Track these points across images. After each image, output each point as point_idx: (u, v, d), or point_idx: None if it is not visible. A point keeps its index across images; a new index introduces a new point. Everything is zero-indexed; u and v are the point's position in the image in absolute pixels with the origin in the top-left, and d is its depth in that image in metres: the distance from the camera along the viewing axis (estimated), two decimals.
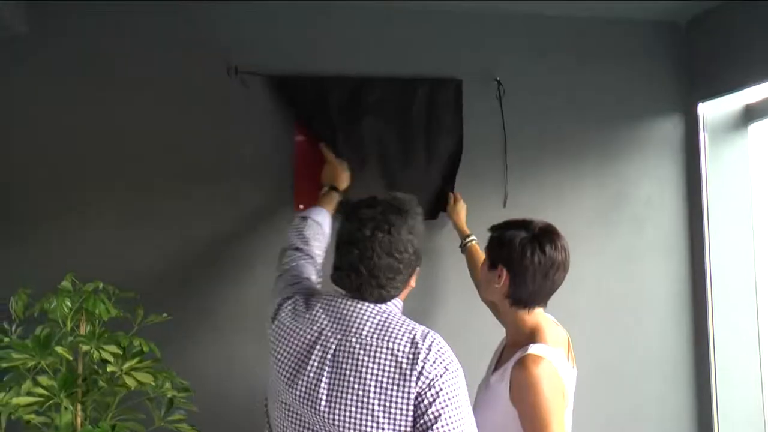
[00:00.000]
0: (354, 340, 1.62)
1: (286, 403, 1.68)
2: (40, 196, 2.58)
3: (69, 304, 1.96)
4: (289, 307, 1.78)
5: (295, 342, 1.68)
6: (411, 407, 1.54)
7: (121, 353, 1.96)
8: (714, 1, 2.90)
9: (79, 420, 1.98)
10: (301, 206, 2.72)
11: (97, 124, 2.63)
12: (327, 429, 1.59)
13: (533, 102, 2.96)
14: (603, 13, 3.01)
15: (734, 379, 2.97)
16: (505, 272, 1.94)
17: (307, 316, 1.72)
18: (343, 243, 1.71)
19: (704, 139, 3.05)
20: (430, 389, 1.54)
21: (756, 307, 3.02)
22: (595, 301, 2.75)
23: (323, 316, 1.69)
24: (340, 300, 1.71)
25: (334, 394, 1.59)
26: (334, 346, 1.63)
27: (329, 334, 1.65)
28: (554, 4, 2.89)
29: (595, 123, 3.03)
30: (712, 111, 3.07)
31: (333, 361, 1.62)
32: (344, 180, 2.60)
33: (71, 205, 2.59)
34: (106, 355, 1.91)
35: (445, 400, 1.54)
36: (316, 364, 1.63)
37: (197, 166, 2.69)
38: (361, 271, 1.66)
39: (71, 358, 1.92)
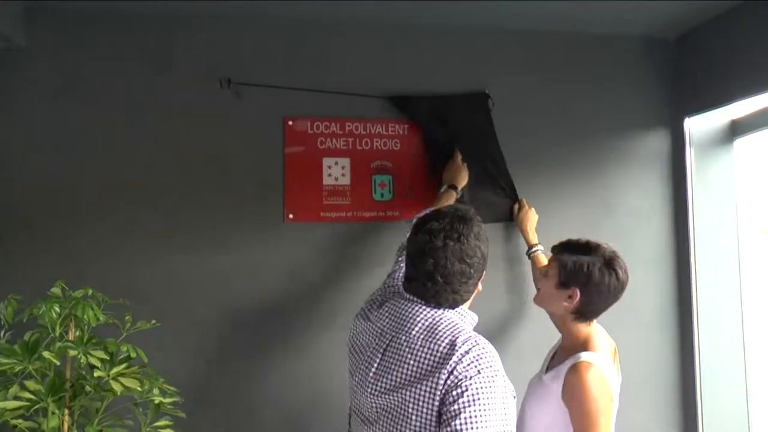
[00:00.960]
0: (403, 338, 1.77)
1: (351, 387, 1.91)
2: (34, 206, 2.60)
3: (58, 309, 1.99)
4: (367, 307, 2.01)
5: (361, 337, 1.92)
6: (437, 402, 1.64)
7: (109, 359, 1.98)
8: (702, 18, 2.95)
9: (66, 425, 1.99)
10: (291, 216, 2.75)
11: (91, 136, 2.65)
12: (373, 412, 1.78)
13: (522, 115, 2.99)
14: (593, 28, 3.06)
15: (719, 389, 3.00)
16: (578, 293, 2.11)
17: (376, 314, 1.92)
18: (417, 255, 1.80)
19: (690, 153, 3.09)
20: (456, 388, 1.62)
21: (741, 318, 3.04)
22: None
23: (386, 317, 1.87)
24: (402, 302, 1.85)
25: (378, 382, 1.76)
26: (387, 342, 1.81)
27: (387, 331, 1.83)
28: (545, 20, 2.94)
29: (584, 136, 3.07)
30: (698, 126, 3.11)
31: (384, 355, 1.79)
32: (464, 179, 2.80)
33: (64, 214, 2.61)
34: (93, 361, 1.93)
35: (469, 400, 1.60)
36: (370, 355, 1.83)
37: (188, 176, 2.71)
38: (437, 279, 1.77)
39: (58, 363, 1.93)
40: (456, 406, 1.60)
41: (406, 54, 2.93)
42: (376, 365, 1.79)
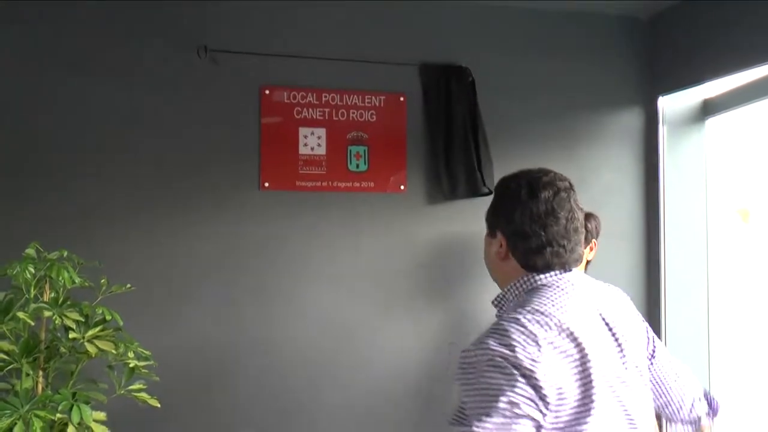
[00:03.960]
0: (603, 309, 1.54)
1: (611, 390, 1.45)
2: (8, 166, 2.58)
3: (32, 270, 1.98)
4: (547, 319, 1.43)
5: (579, 346, 1.43)
6: (645, 337, 1.65)
7: (84, 321, 1.98)
8: None
9: (40, 386, 2.00)
10: (266, 184, 2.77)
11: (65, 102, 2.63)
12: (637, 384, 1.53)
13: (500, 90, 3.02)
14: (571, 6, 3.09)
15: (683, 360, 3.06)
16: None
17: (563, 312, 1.46)
18: (548, 213, 1.53)
19: (663, 131, 3.14)
20: (649, 329, 1.69)
21: (707, 291, 3.13)
22: None
23: (573, 305, 1.49)
24: (562, 286, 1.53)
25: (634, 361, 1.53)
26: (603, 323, 1.52)
27: (591, 316, 1.51)
28: None
29: (559, 112, 3.10)
30: (671, 104, 3.16)
31: (614, 336, 1.51)
32: None
33: (38, 177, 2.60)
34: (68, 322, 1.93)
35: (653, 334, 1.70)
36: (608, 342, 1.50)
37: (163, 143, 2.71)
38: (571, 234, 1.55)
39: (33, 323, 1.93)
40: (653, 338, 1.68)
41: (384, 25, 2.94)
42: (621, 350, 1.50)
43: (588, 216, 2.34)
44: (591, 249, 2.39)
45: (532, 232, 1.54)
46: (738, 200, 3.85)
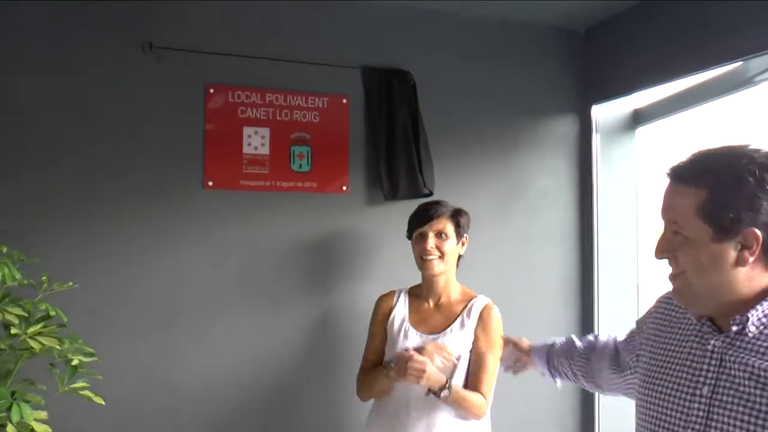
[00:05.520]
0: None
1: None
2: None
3: None
4: None
5: None
6: None
7: (26, 316, 1.93)
8: (608, 13, 3.11)
9: None
10: (210, 183, 2.75)
11: (5, 97, 2.57)
12: None
13: (442, 95, 3.08)
14: (512, 16, 3.17)
15: None
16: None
17: None
18: None
19: (596, 138, 3.26)
20: None
21: (637, 290, 3.27)
22: (492, 283, 2.83)
23: None
24: None
25: None
26: None
27: None
28: (466, 4, 3.04)
29: (499, 118, 3.18)
30: (604, 113, 3.29)
31: None
32: None
33: None
34: (10, 317, 1.87)
35: None
36: None
37: (105, 139, 2.66)
38: None
39: None
40: None
41: (328, 27, 2.96)
42: None
43: (459, 212, 2.51)
44: (463, 244, 2.52)
45: None
46: None
